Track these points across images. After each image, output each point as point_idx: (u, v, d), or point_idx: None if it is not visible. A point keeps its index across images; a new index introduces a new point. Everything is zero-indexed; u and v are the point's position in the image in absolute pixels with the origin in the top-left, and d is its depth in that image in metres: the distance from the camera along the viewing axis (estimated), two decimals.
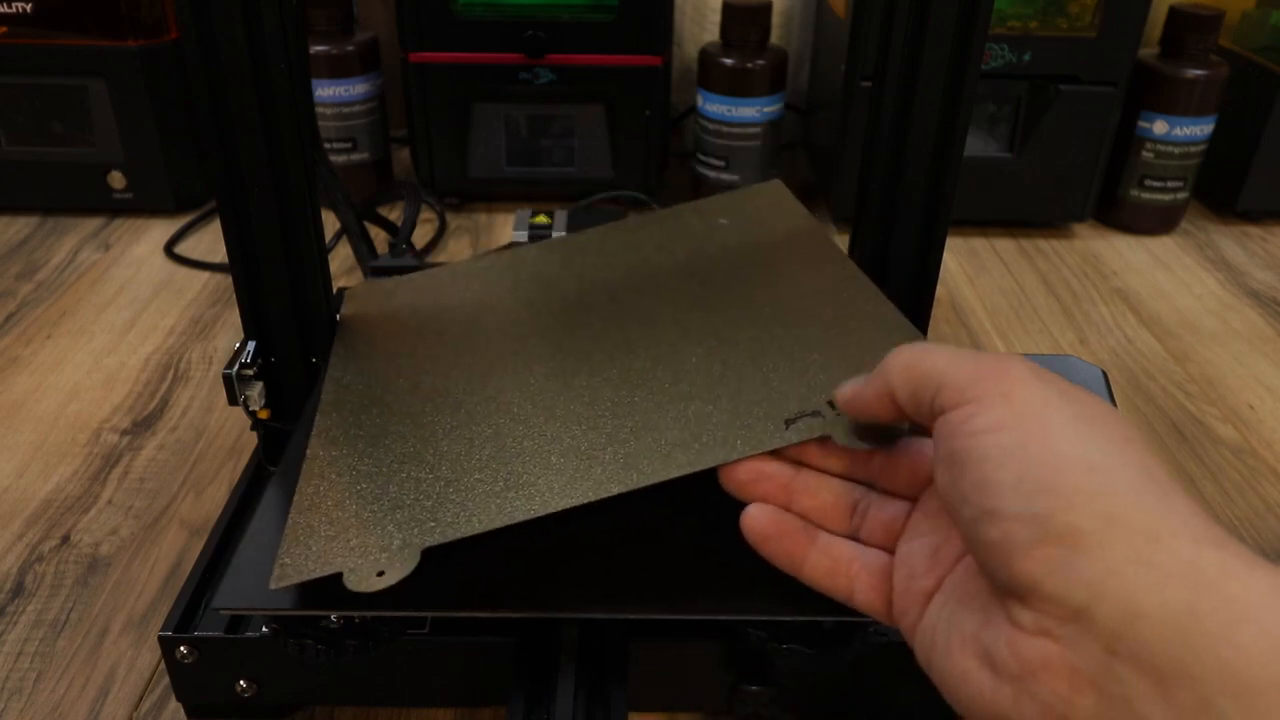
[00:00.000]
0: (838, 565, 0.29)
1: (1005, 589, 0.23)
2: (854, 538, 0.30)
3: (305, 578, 0.29)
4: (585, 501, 0.31)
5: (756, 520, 0.30)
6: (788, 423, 0.32)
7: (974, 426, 0.24)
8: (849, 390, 0.29)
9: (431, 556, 0.30)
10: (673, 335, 0.39)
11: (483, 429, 0.35)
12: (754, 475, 0.31)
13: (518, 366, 0.39)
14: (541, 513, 0.30)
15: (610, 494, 0.31)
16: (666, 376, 0.36)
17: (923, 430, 0.28)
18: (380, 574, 0.29)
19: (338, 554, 0.30)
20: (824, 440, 0.31)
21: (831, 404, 0.31)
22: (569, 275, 0.46)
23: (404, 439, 0.36)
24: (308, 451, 0.36)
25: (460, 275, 0.48)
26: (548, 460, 0.33)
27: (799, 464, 0.31)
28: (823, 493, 0.31)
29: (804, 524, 0.30)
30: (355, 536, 0.31)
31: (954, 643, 0.24)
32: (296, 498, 0.33)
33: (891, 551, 0.29)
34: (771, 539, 0.30)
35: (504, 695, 0.35)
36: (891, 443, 0.30)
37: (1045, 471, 0.22)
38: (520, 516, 0.30)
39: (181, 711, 0.38)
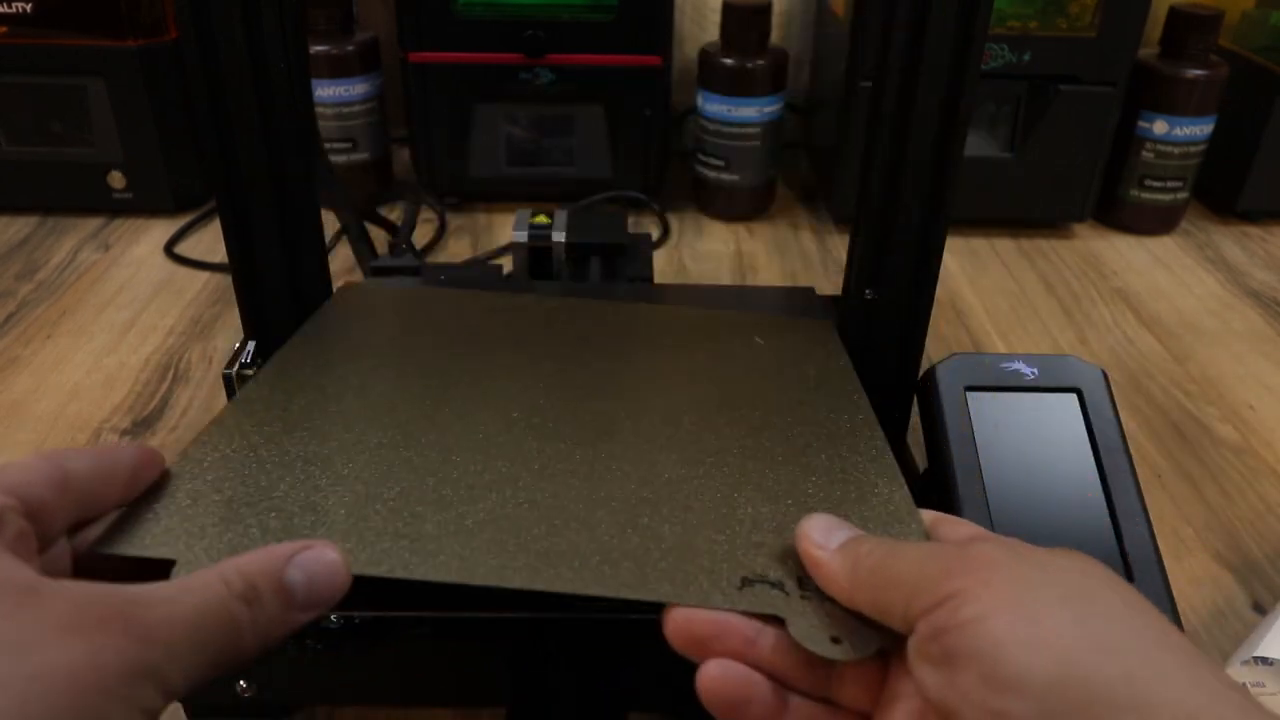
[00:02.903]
0: None
1: None
2: (826, 699, 0.26)
3: (135, 553, 0.27)
4: (470, 583, 0.27)
5: (716, 681, 0.25)
6: (745, 581, 0.27)
7: (961, 618, 0.22)
8: (813, 553, 0.26)
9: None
10: (660, 435, 0.36)
11: (410, 458, 0.32)
12: (716, 630, 0.25)
13: (480, 407, 0.36)
14: (414, 577, 0.27)
15: (507, 586, 0.27)
16: (635, 474, 0.33)
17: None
18: None
19: (181, 539, 0.27)
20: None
21: (801, 581, 0.27)
22: (576, 333, 0.44)
23: (322, 438, 0.33)
24: (221, 414, 0.34)
25: (465, 300, 0.47)
26: (460, 519, 0.29)
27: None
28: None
29: (773, 686, 0.26)
30: (212, 527, 0.28)
31: None
32: (184, 452, 0.31)
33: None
34: (738, 707, 0.25)
35: (504, 695, 0.35)
36: (865, 652, 0.25)
37: (1051, 660, 0.20)
38: (395, 573, 0.27)
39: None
